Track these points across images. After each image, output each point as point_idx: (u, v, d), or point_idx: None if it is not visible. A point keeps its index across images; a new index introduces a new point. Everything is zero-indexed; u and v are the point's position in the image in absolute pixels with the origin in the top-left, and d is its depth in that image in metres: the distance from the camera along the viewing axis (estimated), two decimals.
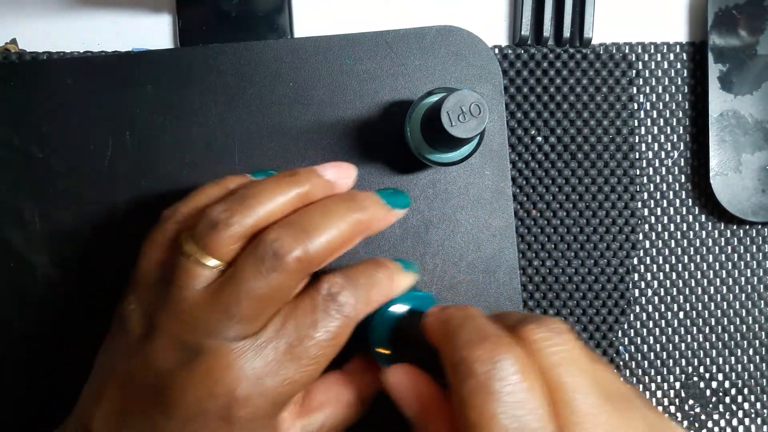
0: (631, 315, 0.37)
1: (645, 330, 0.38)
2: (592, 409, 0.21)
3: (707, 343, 0.38)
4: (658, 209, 0.38)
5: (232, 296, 0.23)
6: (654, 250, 0.38)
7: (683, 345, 0.38)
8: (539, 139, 0.37)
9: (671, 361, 0.38)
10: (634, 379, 0.37)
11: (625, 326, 0.37)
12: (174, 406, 0.23)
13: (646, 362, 0.38)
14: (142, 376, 0.24)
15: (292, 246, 0.23)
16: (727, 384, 0.38)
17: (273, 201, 0.25)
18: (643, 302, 0.38)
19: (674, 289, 0.38)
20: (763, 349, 0.38)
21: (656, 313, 0.38)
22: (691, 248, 0.38)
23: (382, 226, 0.27)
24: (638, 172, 0.37)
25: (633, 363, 0.37)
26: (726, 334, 0.38)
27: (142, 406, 0.24)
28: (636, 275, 0.38)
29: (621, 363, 0.37)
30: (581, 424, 0.21)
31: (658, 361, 0.38)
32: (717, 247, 0.38)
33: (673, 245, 0.38)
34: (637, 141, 0.37)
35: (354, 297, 0.25)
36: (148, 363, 0.24)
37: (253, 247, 0.24)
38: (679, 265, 0.38)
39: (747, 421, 0.38)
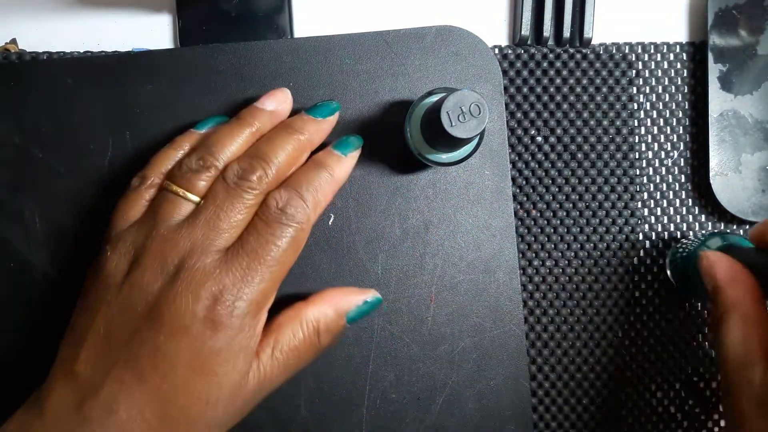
0: (631, 315, 0.37)
1: (645, 330, 0.38)
2: None
3: (707, 343, 0.38)
4: (658, 209, 0.38)
5: (210, 214, 0.27)
6: (654, 250, 0.38)
7: (683, 344, 0.38)
8: (539, 139, 0.37)
9: (671, 361, 0.38)
10: (635, 378, 0.37)
11: (625, 326, 0.37)
12: (161, 319, 0.26)
13: (646, 362, 0.38)
14: (128, 307, 0.26)
15: (253, 168, 0.28)
16: None
17: (233, 143, 0.29)
18: (643, 302, 0.38)
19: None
20: None
21: (656, 313, 0.38)
22: None
23: (322, 137, 0.31)
24: (638, 172, 0.37)
25: (633, 363, 0.37)
26: None
27: (128, 334, 0.26)
28: (636, 275, 0.37)
29: (621, 363, 0.37)
30: None
31: (659, 362, 0.38)
32: None
33: (673, 245, 0.38)
34: (636, 141, 0.37)
35: (301, 206, 0.28)
36: (133, 293, 0.26)
37: (222, 177, 0.28)
38: None
39: None
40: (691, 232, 0.38)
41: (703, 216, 0.38)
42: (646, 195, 0.38)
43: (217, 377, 0.26)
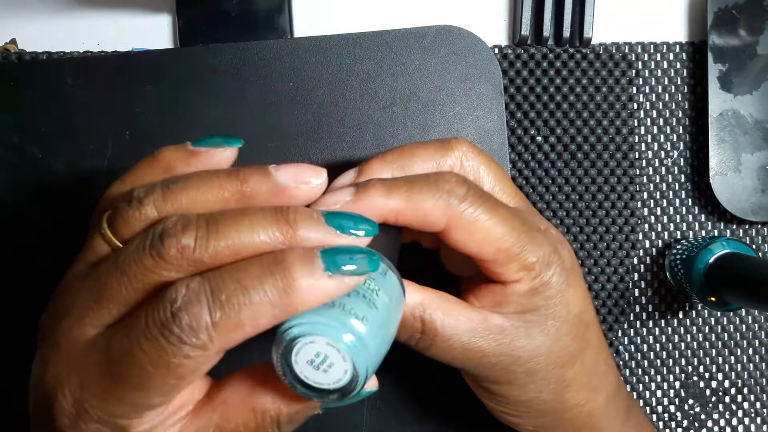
0: (631, 314, 0.37)
1: (645, 329, 0.38)
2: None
3: (707, 343, 0.38)
4: (658, 209, 0.38)
5: (104, 272, 0.20)
6: (654, 250, 0.38)
7: (683, 344, 0.38)
8: (539, 139, 0.37)
9: (671, 360, 0.38)
10: (634, 378, 0.37)
11: (625, 326, 0.37)
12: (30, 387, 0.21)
13: (645, 362, 0.38)
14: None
15: (185, 230, 0.19)
16: (726, 383, 0.38)
17: (200, 191, 0.21)
18: (643, 302, 0.38)
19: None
20: (763, 348, 0.38)
21: (656, 313, 0.38)
22: None
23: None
24: (638, 172, 0.37)
25: (633, 362, 0.37)
26: (726, 334, 0.38)
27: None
28: (636, 275, 0.38)
29: (621, 363, 0.37)
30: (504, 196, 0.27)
31: (658, 361, 0.38)
32: None
33: (673, 246, 0.38)
34: (636, 141, 0.38)
35: (204, 321, 0.18)
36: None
37: (150, 227, 0.20)
38: None
39: (747, 420, 0.38)
40: (691, 232, 0.38)
41: (702, 216, 0.38)
42: (645, 195, 0.38)
43: None
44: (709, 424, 0.38)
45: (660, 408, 0.38)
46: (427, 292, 0.25)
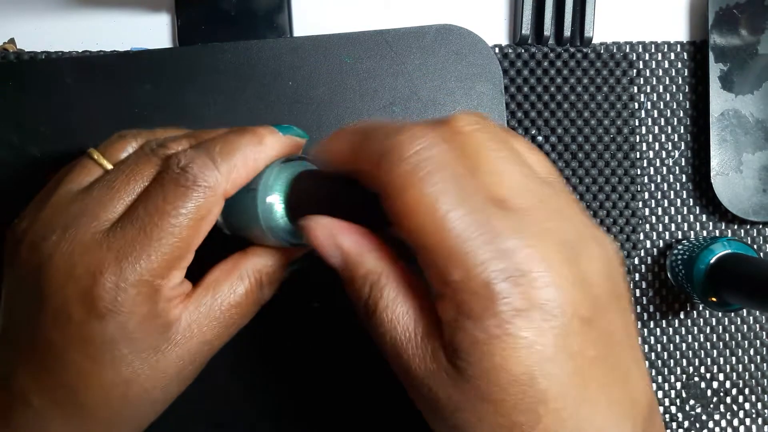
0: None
1: (646, 330, 0.37)
2: (521, 179, 0.19)
3: (708, 343, 0.38)
4: (659, 209, 0.38)
5: (111, 178, 0.24)
6: (655, 250, 0.37)
7: (684, 345, 0.38)
8: (540, 138, 0.37)
9: (672, 361, 0.38)
10: None
11: None
12: (42, 300, 0.22)
13: (646, 362, 0.37)
14: (20, 277, 0.23)
15: (178, 139, 0.25)
16: (728, 384, 0.38)
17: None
18: (644, 302, 0.37)
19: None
20: (764, 349, 0.38)
21: (657, 313, 0.38)
22: None
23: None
24: (639, 172, 0.37)
25: None
26: (727, 335, 0.38)
27: (24, 314, 0.23)
28: (637, 275, 0.37)
29: None
30: (511, 191, 0.19)
31: (659, 361, 0.38)
32: None
33: (674, 246, 0.38)
34: (638, 140, 0.37)
35: (209, 166, 0.23)
36: (22, 263, 0.23)
37: (143, 146, 0.25)
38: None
39: (748, 421, 0.38)
40: (692, 232, 0.38)
41: (704, 216, 0.38)
42: (647, 195, 0.37)
43: (124, 363, 0.22)
44: (710, 425, 0.38)
45: (661, 409, 0.38)
46: (389, 263, 0.20)
